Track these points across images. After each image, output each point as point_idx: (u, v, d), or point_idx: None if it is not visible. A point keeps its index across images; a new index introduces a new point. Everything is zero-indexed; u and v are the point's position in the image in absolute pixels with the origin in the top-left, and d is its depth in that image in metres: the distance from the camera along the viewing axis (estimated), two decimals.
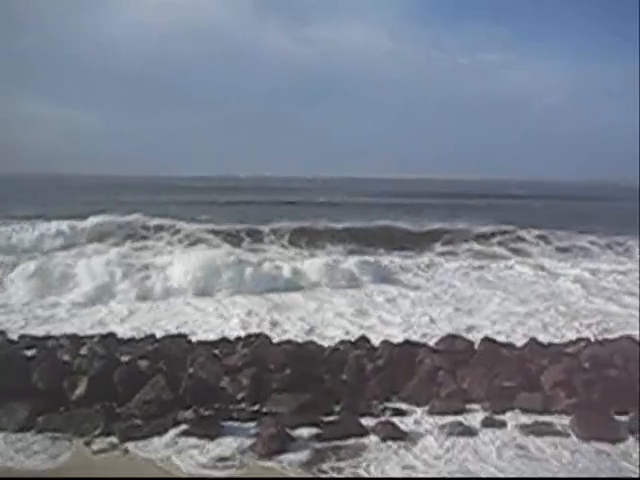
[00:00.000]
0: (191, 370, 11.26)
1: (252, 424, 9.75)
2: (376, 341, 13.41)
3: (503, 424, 9.75)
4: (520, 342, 13.46)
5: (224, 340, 13.65)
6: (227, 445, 9.05)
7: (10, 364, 11.30)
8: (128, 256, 24.10)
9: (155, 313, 18.03)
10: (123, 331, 15.29)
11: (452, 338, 13.36)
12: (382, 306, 18.93)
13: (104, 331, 14.95)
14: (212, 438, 9.27)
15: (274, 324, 16.44)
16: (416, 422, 9.95)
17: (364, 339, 13.54)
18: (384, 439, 9.20)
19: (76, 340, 13.35)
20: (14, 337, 13.99)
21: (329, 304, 19.12)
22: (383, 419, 9.87)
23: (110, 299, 19.45)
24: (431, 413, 10.28)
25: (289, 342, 13.20)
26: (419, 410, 10.41)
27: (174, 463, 8.51)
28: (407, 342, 13.17)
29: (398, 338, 14.04)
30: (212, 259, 22.17)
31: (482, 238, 32.54)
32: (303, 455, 8.74)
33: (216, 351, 12.59)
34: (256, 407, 10.31)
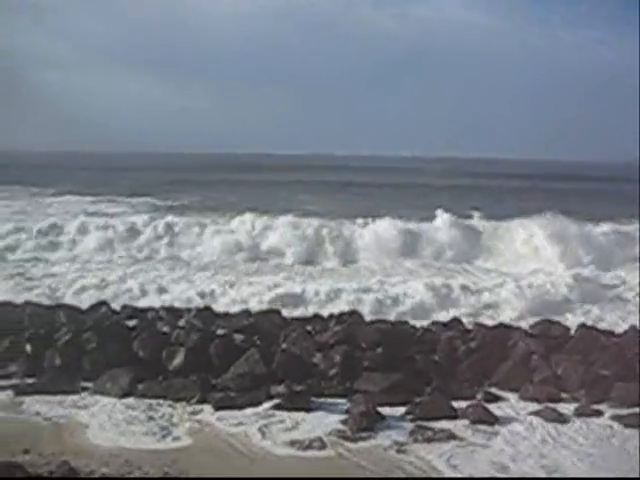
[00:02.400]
0: (284, 345, 11.48)
1: (343, 401, 9.92)
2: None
3: (598, 414, 9.55)
4: None
5: (317, 317, 13.80)
6: (317, 421, 9.26)
7: (113, 333, 11.87)
8: None
9: None
10: None
11: (548, 322, 13.10)
12: None
13: None
14: (304, 412, 9.51)
15: None
16: (508, 407, 9.88)
17: (457, 321, 13.43)
18: (474, 422, 9.17)
19: (174, 312, 13.79)
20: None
21: None
22: (474, 402, 9.84)
23: None
24: (523, 398, 10.17)
25: (382, 321, 13.23)
26: (511, 395, 10.32)
27: (257, 442, 8.69)
28: (501, 325, 13.00)
29: None
30: None
31: None
32: (392, 435, 8.82)
33: (309, 327, 12.77)
34: (347, 384, 10.42)
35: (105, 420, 9.31)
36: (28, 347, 11.55)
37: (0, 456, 7.88)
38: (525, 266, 20.48)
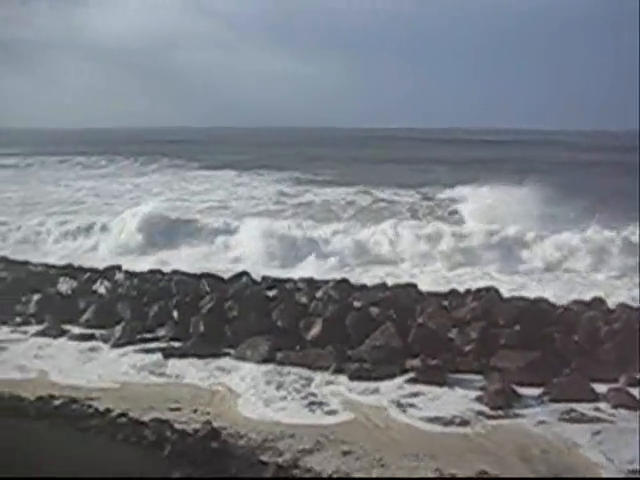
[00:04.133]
0: (420, 320, 11.50)
1: (478, 377, 9.87)
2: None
3: None
4: None
5: (454, 292, 13.70)
6: (452, 397, 9.28)
7: (254, 303, 12.33)
8: None
9: None
10: None
11: None
12: None
13: None
14: (438, 387, 9.55)
15: None
16: None
17: (599, 300, 12.95)
18: (616, 407, 8.88)
19: (312, 284, 14.10)
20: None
21: None
22: (616, 386, 9.50)
23: None
24: None
25: (520, 298, 12.96)
26: None
27: (398, 417, 8.75)
28: None
29: None
30: None
31: None
32: (530, 414, 8.71)
33: (445, 302, 12.72)
34: (483, 361, 10.33)
35: (251, 387, 9.72)
36: (175, 313, 12.26)
37: (150, 413, 8.47)
38: None
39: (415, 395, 9.34)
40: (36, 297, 13.55)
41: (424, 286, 14.40)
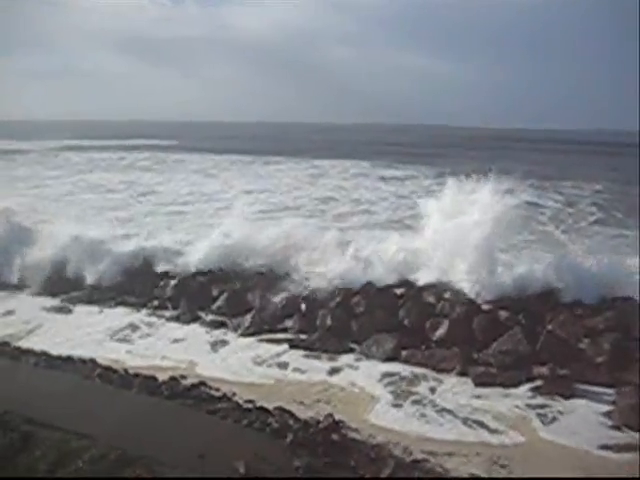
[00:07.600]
0: (550, 327, 11.17)
1: (608, 391, 9.50)
2: None
3: None
4: None
5: None
6: (582, 409, 8.99)
7: (381, 299, 12.39)
8: None
9: None
10: None
11: None
12: None
13: None
14: (566, 399, 9.28)
15: None
16: None
17: None
18: None
19: (441, 284, 13.95)
20: None
21: None
22: None
23: None
24: None
25: None
26: None
27: (534, 428, 8.51)
28: None
29: None
30: None
31: None
32: None
33: (578, 311, 12.27)
34: (615, 374, 9.91)
35: (375, 384, 9.80)
36: (303, 306, 12.50)
37: (275, 402, 8.71)
38: None
39: (548, 407, 9.10)
40: (172, 282, 14.21)
41: None
